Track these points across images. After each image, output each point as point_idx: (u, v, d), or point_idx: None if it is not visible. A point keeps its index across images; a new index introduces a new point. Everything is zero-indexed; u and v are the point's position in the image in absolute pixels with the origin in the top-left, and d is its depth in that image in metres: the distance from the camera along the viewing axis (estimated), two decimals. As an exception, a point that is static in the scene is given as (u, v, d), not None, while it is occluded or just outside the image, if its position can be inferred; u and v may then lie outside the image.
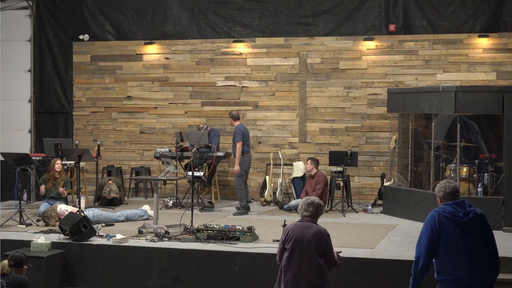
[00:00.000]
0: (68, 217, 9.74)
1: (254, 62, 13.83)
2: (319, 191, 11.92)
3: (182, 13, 14.11)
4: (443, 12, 12.98)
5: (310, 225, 6.10)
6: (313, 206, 6.17)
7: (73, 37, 14.59)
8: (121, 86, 14.44)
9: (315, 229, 6.07)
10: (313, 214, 6.16)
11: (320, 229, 6.09)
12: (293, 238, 6.07)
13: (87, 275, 9.25)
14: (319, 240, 6.03)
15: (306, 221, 6.15)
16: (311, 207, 6.17)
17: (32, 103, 14.70)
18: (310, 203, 6.18)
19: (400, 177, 12.35)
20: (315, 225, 6.13)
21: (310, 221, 6.15)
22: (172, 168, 10.27)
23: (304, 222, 6.15)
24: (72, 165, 12.60)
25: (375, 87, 13.27)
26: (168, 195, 13.29)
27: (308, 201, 6.20)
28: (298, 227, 6.13)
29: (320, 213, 6.22)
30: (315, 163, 12.14)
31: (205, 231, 9.43)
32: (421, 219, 11.09)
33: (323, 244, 6.04)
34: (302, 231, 6.07)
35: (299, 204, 6.30)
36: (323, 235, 6.07)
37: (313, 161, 12.14)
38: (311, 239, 6.02)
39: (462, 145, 11.13)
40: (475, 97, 10.71)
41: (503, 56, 12.74)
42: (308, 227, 6.08)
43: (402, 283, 8.23)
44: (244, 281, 8.71)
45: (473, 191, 10.97)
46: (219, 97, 13.99)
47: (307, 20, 13.59)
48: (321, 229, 6.10)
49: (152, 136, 14.32)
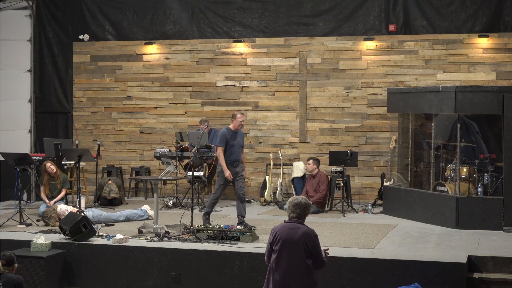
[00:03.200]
0: (68, 217, 9.74)
1: (254, 62, 13.83)
2: (324, 191, 11.94)
3: (182, 13, 14.11)
4: (443, 12, 12.98)
5: (298, 226, 6.10)
6: (300, 207, 6.15)
7: (73, 37, 14.59)
8: (121, 86, 14.44)
9: (303, 230, 6.08)
10: (300, 215, 6.16)
11: (307, 230, 6.10)
12: (281, 239, 6.08)
13: (87, 275, 9.25)
14: (307, 241, 6.04)
15: (294, 222, 6.14)
16: (298, 208, 6.15)
17: (32, 103, 14.70)
18: (297, 204, 6.16)
19: (400, 177, 12.35)
20: (303, 226, 6.13)
21: (297, 222, 6.14)
22: (172, 168, 10.27)
23: (292, 223, 6.14)
24: (72, 165, 12.60)
25: (375, 87, 13.27)
26: (168, 195, 13.29)
27: (295, 201, 6.18)
28: (286, 228, 6.14)
29: (307, 213, 6.22)
30: (317, 163, 12.16)
31: (205, 231, 9.43)
32: (421, 219, 11.15)
33: (311, 245, 6.05)
34: (290, 232, 6.08)
35: (286, 205, 6.29)
36: (311, 236, 6.08)
37: (315, 161, 12.15)
38: (299, 240, 6.03)
39: (462, 145, 11.13)
40: (475, 97, 10.71)
41: (503, 56, 12.74)
42: (296, 228, 6.09)
43: (402, 283, 8.24)
44: (244, 281, 8.71)
45: (473, 191, 10.97)
46: (219, 97, 13.99)
47: (307, 20, 13.59)
48: (308, 230, 6.11)
49: (152, 136, 14.32)
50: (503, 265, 8.47)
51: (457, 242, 9.54)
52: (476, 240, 9.64)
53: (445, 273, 8.14)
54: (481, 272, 8.44)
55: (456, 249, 9.03)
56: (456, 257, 8.46)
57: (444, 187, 11.10)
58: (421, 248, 9.09)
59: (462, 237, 9.88)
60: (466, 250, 8.84)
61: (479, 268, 8.47)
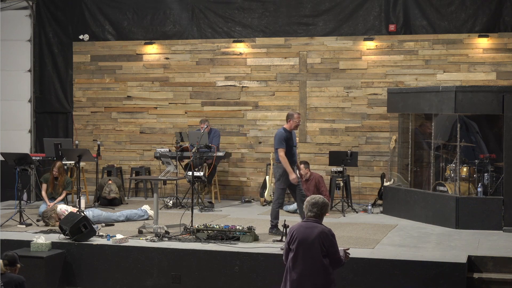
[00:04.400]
0: (68, 217, 9.74)
1: (254, 62, 13.83)
2: (327, 192, 11.94)
3: (182, 13, 14.11)
4: (443, 12, 12.98)
5: (315, 225, 6.12)
6: (317, 206, 6.17)
7: (73, 37, 14.59)
8: (121, 86, 14.43)
9: (319, 229, 6.09)
10: (317, 214, 6.17)
11: (324, 229, 6.10)
12: (297, 238, 6.09)
13: (87, 275, 9.24)
14: (323, 240, 6.04)
15: (311, 221, 6.16)
16: (315, 207, 6.17)
17: (32, 103, 14.70)
18: (314, 203, 6.18)
19: (400, 177, 12.35)
20: (320, 225, 6.14)
21: (314, 221, 6.16)
22: (172, 168, 10.27)
23: (309, 223, 6.16)
24: (72, 165, 12.60)
25: (375, 87, 13.27)
26: (168, 195, 13.29)
27: (312, 201, 6.20)
28: (303, 227, 6.15)
29: (325, 213, 6.23)
30: (308, 166, 12.07)
31: (205, 231, 9.43)
32: (421, 219, 11.15)
33: (327, 244, 6.06)
34: (306, 231, 6.09)
35: (304, 204, 6.30)
36: (327, 235, 6.08)
37: (306, 165, 12.00)
38: (315, 239, 6.04)
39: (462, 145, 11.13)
40: (475, 97, 10.71)
41: (503, 56, 12.74)
42: (313, 227, 6.10)
43: (402, 283, 8.25)
44: (244, 281, 8.71)
45: (473, 191, 10.97)
46: (219, 97, 13.99)
47: (307, 20, 13.59)
48: (325, 229, 6.11)
49: (152, 136, 14.31)
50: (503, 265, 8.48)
51: (457, 242, 9.54)
52: (476, 240, 9.65)
53: (445, 273, 8.14)
54: (481, 272, 8.44)
55: (456, 249, 9.04)
56: (456, 257, 8.47)
57: (444, 187, 11.10)
58: (421, 248, 9.09)
59: (462, 237, 9.88)
60: (466, 250, 8.85)
61: (479, 268, 8.47)
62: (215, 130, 13.25)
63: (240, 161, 13.86)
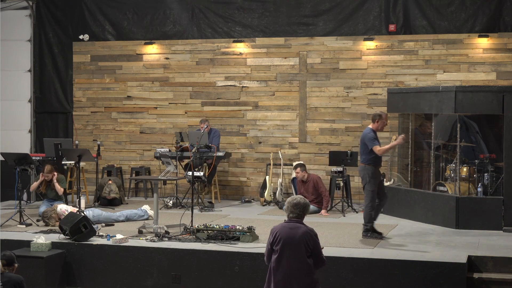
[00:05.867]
0: (68, 217, 9.74)
1: (254, 62, 13.83)
2: (327, 192, 11.93)
3: (182, 13, 14.11)
4: (443, 12, 12.98)
5: (298, 226, 6.13)
6: (299, 207, 6.18)
7: (73, 37, 14.59)
8: (121, 86, 14.44)
9: (303, 229, 6.11)
10: (300, 215, 6.19)
11: (308, 230, 6.13)
12: (282, 239, 6.09)
13: (87, 275, 9.25)
14: (308, 241, 6.07)
15: (293, 222, 6.16)
16: (297, 208, 6.18)
17: (32, 103, 14.70)
18: (296, 204, 6.18)
19: (400, 177, 12.34)
20: (303, 225, 6.16)
21: (297, 221, 6.17)
22: (172, 168, 10.27)
23: (292, 223, 6.16)
24: (72, 165, 12.60)
25: (375, 87, 13.27)
26: (168, 195, 13.29)
27: (294, 201, 6.20)
28: (286, 228, 6.15)
29: (306, 213, 6.24)
30: (304, 168, 12.03)
31: (205, 231, 9.43)
32: (421, 219, 11.15)
33: (312, 244, 6.08)
34: (290, 232, 6.10)
35: (285, 205, 6.31)
36: (311, 235, 6.11)
37: (302, 168, 11.96)
38: (300, 239, 6.05)
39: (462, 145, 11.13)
40: (475, 97, 10.71)
41: (503, 56, 12.74)
42: (296, 228, 6.11)
43: (402, 283, 8.25)
44: (244, 281, 8.71)
45: (473, 191, 10.97)
46: (219, 97, 13.99)
47: (307, 20, 13.59)
48: (309, 230, 6.14)
49: (152, 136, 14.32)
50: (503, 265, 8.48)
51: (457, 242, 9.54)
52: (476, 240, 9.64)
53: (445, 273, 8.14)
54: (481, 272, 8.44)
55: (456, 249, 9.03)
56: (456, 257, 8.47)
57: (444, 187, 11.10)
58: (421, 248, 9.09)
59: (462, 237, 9.88)
60: (466, 250, 8.84)
61: (479, 268, 8.48)
62: (215, 130, 13.25)
63: (240, 161, 13.86)
